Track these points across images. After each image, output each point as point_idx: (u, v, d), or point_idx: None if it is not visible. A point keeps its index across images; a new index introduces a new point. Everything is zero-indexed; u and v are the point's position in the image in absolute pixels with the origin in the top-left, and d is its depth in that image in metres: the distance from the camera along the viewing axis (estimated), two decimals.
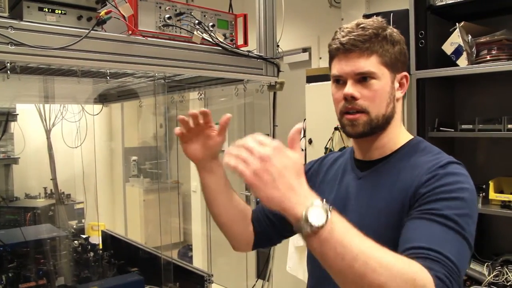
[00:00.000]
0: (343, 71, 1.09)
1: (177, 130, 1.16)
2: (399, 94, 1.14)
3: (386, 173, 1.12)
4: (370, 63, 1.07)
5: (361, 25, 1.09)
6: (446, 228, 0.91)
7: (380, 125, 1.11)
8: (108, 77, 1.56)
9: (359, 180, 1.17)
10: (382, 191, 1.09)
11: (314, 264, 1.21)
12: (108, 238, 2.77)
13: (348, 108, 1.09)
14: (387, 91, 1.11)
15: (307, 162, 2.97)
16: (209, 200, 1.26)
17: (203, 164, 1.22)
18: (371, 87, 1.08)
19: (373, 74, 1.08)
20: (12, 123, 3.65)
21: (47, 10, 1.28)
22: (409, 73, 2.32)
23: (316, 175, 1.32)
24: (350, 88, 1.08)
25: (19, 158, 3.86)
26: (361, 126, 1.09)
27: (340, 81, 1.11)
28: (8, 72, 1.23)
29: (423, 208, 0.95)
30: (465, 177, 1.02)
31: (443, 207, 0.93)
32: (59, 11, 1.31)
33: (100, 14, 1.35)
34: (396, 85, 1.13)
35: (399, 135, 1.17)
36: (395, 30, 1.14)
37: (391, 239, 0.99)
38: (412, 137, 1.19)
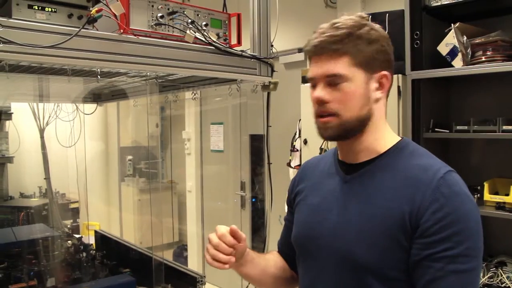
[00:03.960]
0: (314, 74, 1.07)
1: (209, 259, 1.15)
2: (378, 94, 1.09)
3: (375, 177, 1.08)
4: (340, 65, 1.04)
5: (336, 25, 1.05)
6: (461, 274, 0.94)
7: (354, 128, 1.07)
8: (99, 76, 1.55)
9: (345, 184, 1.13)
10: (373, 196, 1.06)
11: (308, 265, 1.20)
12: (101, 238, 2.75)
13: (320, 111, 1.07)
14: (360, 93, 1.06)
15: (302, 162, 2.95)
16: (254, 281, 1.33)
17: (237, 263, 1.22)
18: (342, 90, 1.04)
19: (343, 76, 1.04)
20: (7, 122, 3.62)
21: (37, 8, 1.27)
22: (404, 74, 2.34)
23: (302, 183, 1.29)
24: (319, 92, 1.06)
25: (13, 157, 3.84)
26: (332, 130, 1.06)
27: (314, 84, 1.09)
28: None
29: (436, 251, 0.95)
30: (463, 187, 1.01)
31: (454, 244, 0.94)
32: (50, 9, 1.30)
33: (91, 13, 1.34)
34: (374, 85, 1.08)
35: (384, 137, 1.12)
36: (375, 27, 1.09)
37: (385, 246, 1.00)
38: (400, 138, 1.14)
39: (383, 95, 1.10)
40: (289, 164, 3.13)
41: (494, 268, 2.19)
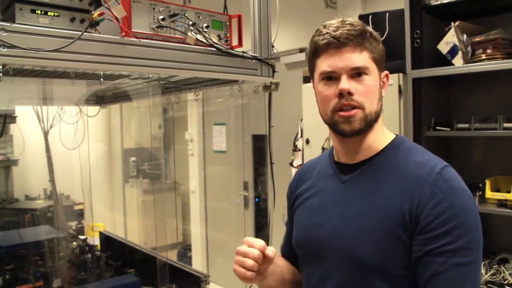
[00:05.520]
0: (336, 66, 1.04)
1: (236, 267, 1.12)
2: (383, 92, 1.12)
3: (373, 176, 1.09)
4: (363, 58, 1.04)
5: (347, 22, 1.06)
6: (463, 267, 0.95)
7: (372, 123, 1.08)
8: (101, 79, 1.56)
9: (344, 184, 1.13)
10: (372, 195, 1.06)
11: (311, 267, 1.20)
12: (106, 239, 2.77)
13: (343, 105, 1.04)
14: (377, 87, 1.09)
15: (304, 161, 2.96)
16: None
17: (262, 276, 1.18)
18: (364, 83, 1.05)
19: (367, 69, 1.05)
20: (12, 125, 3.65)
21: (39, 12, 1.28)
22: (405, 73, 2.35)
23: (300, 187, 1.30)
24: (346, 83, 1.03)
25: (18, 160, 3.87)
26: (358, 122, 1.05)
27: (331, 78, 1.07)
28: (0, 74, 1.23)
29: (437, 246, 0.96)
30: (460, 181, 1.02)
31: (455, 238, 0.95)
32: (52, 13, 1.31)
33: (93, 16, 1.35)
34: (380, 83, 1.12)
35: (381, 136, 1.14)
36: None
37: (386, 244, 1.01)
38: (394, 136, 1.16)
39: (385, 94, 1.13)
40: (291, 164, 3.15)
41: (496, 265, 2.19)
